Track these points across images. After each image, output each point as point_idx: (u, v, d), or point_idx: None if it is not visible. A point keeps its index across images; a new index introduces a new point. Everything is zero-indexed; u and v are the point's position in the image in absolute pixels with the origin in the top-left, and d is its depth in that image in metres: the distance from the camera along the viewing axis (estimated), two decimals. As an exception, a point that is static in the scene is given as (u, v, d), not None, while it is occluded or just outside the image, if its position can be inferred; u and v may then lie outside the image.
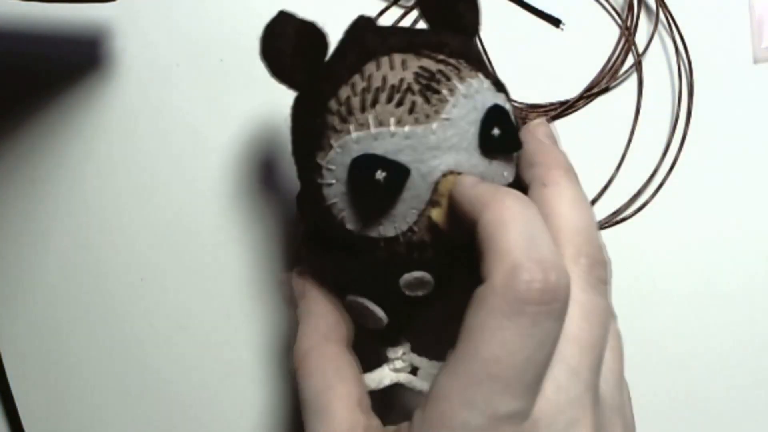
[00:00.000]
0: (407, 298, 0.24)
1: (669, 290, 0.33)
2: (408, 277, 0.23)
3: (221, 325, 0.32)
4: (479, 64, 0.24)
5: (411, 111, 0.21)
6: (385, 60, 0.22)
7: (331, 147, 0.22)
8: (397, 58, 0.22)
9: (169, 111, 0.33)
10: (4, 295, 0.33)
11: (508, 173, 0.23)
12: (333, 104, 0.22)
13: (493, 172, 0.22)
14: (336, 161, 0.22)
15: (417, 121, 0.21)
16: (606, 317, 0.20)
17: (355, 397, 0.23)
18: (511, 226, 0.19)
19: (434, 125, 0.21)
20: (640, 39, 0.33)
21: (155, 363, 0.32)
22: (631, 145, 0.33)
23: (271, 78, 0.32)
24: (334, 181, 0.22)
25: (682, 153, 0.33)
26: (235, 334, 0.32)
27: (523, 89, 0.33)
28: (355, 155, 0.21)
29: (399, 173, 0.21)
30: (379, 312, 0.24)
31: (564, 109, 0.33)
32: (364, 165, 0.21)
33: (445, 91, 0.22)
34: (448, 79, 0.22)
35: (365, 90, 0.22)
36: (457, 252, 0.23)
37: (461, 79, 0.22)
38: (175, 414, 0.32)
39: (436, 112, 0.21)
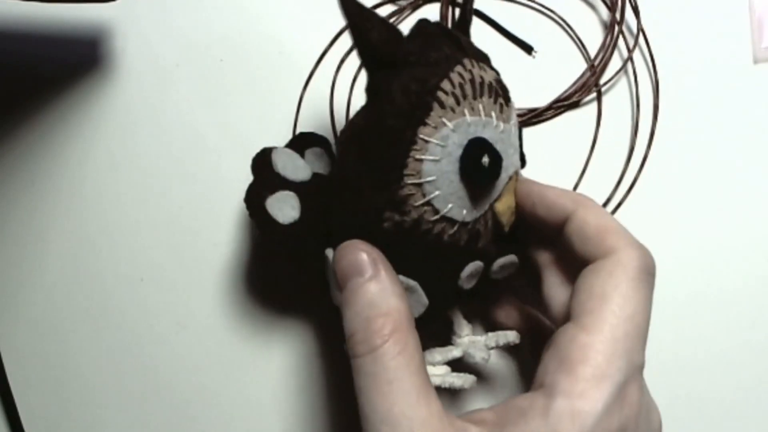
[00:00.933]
0: (457, 287, 0.25)
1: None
2: (472, 266, 0.25)
3: (221, 325, 0.32)
4: None
5: (501, 110, 0.24)
6: (474, 61, 0.24)
7: (443, 125, 0.22)
8: (479, 63, 0.24)
9: (169, 111, 0.33)
10: (4, 295, 0.33)
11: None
12: (446, 85, 0.23)
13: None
14: (449, 139, 0.22)
15: (505, 121, 0.24)
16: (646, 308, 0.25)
17: (434, 392, 0.23)
18: (612, 217, 0.25)
19: (512, 128, 0.24)
20: (615, 60, 0.33)
21: (155, 363, 0.32)
22: (595, 159, 0.33)
23: (272, 78, 0.32)
24: (438, 158, 0.22)
25: (678, 156, 0.33)
26: (235, 334, 0.32)
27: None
28: (470, 137, 0.23)
29: (499, 160, 0.23)
30: (425, 298, 0.24)
31: (531, 116, 0.33)
32: (478, 146, 0.23)
33: (510, 101, 0.25)
34: (508, 90, 0.25)
35: (472, 81, 0.23)
36: (496, 245, 0.26)
37: (509, 92, 0.25)
38: (174, 414, 0.32)
39: (509, 117, 0.24)
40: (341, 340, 0.24)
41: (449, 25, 0.33)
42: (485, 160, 0.23)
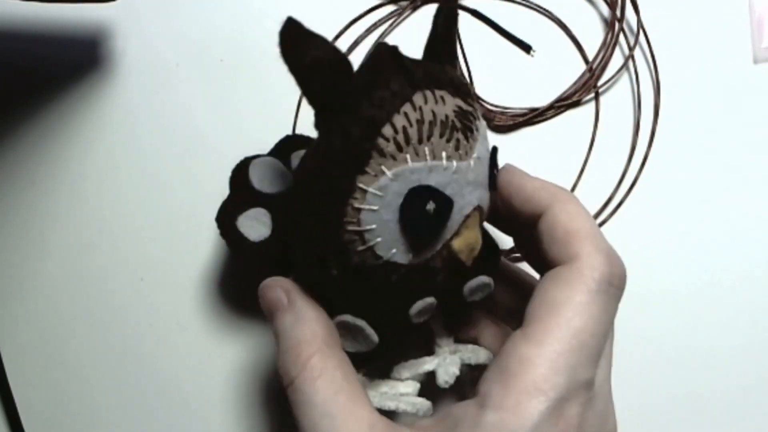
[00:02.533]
0: (409, 323, 0.24)
1: (640, 294, 0.33)
2: (421, 303, 0.24)
3: (221, 325, 0.32)
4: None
5: (456, 148, 0.22)
6: (429, 93, 0.22)
7: (382, 173, 0.21)
8: (437, 93, 0.22)
9: (169, 111, 0.33)
10: (4, 295, 0.33)
11: (486, 204, 0.24)
12: (388, 131, 0.21)
13: (484, 204, 0.24)
14: (388, 189, 0.21)
15: (461, 158, 0.22)
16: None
17: (367, 400, 0.22)
18: (586, 215, 0.23)
19: (471, 162, 0.23)
20: (615, 59, 0.33)
21: (155, 363, 0.32)
22: (595, 158, 0.33)
23: (272, 78, 0.32)
24: (377, 208, 0.22)
25: (677, 156, 0.33)
26: (235, 334, 0.32)
27: (496, 93, 0.33)
28: (411, 185, 0.21)
29: (448, 205, 0.22)
30: (374, 336, 0.24)
31: (532, 116, 0.33)
32: (419, 195, 0.21)
33: (474, 131, 0.23)
34: (475, 118, 0.23)
35: (420, 122, 0.22)
36: (457, 277, 0.24)
37: (478, 118, 0.23)
38: (175, 414, 0.32)
39: (471, 150, 0.23)
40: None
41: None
42: (429, 207, 0.21)
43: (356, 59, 0.22)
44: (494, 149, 0.24)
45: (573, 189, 0.33)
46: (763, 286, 0.33)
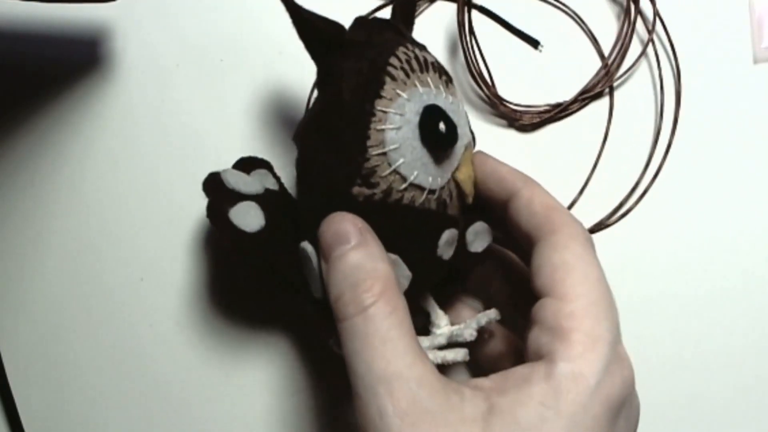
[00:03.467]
0: (436, 258, 0.25)
1: (654, 295, 0.33)
2: (448, 234, 0.25)
3: (221, 325, 0.32)
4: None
5: (447, 86, 0.25)
6: (412, 45, 0.25)
7: (398, 95, 0.24)
8: (416, 47, 0.26)
9: (169, 111, 0.33)
10: (4, 295, 0.33)
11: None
12: (395, 61, 0.24)
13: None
14: (405, 107, 0.24)
15: (453, 95, 0.25)
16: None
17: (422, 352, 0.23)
18: (552, 196, 0.26)
19: (459, 102, 0.26)
20: (634, 47, 0.33)
21: (155, 363, 0.32)
22: (621, 149, 0.33)
23: (272, 78, 0.32)
24: (399, 125, 0.23)
25: (677, 156, 0.33)
26: (235, 334, 0.32)
27: (518, 92, 0.33)
28: (425, 104, 0.24)
29: (455, 127, 0.24)
30: (407, 271, 0.25)
31: (557, 111, 0.33)
32: (433, 112, 0.24)
33: (452, 82, 0.26)
34: (449, 74, 0.26)
35: (417, 59, 0.25)
36: (468, 216, 0.27)
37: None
38: (174, 414, 0.32)
39: (455, 93, 0.26)
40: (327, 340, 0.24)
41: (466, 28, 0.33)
42: (442, 126, 0.24)
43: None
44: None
45: (587, 181, 0.33)
46: (753, 288, 0.33)
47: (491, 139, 0.32)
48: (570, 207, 0.33)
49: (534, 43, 0.33)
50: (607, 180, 0.33)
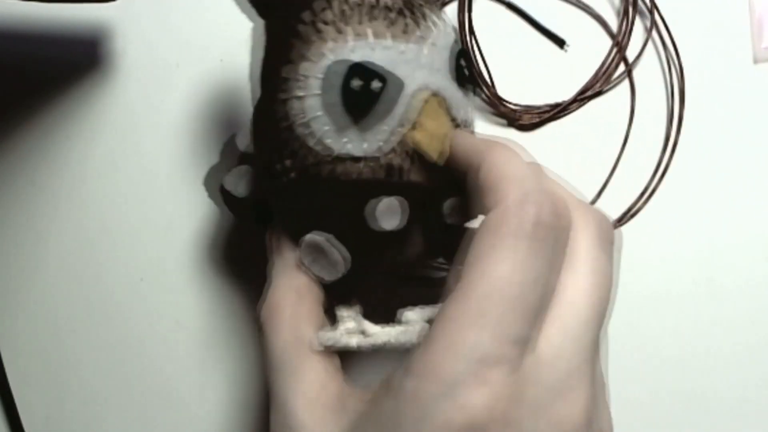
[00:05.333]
0: (373, 234, 0.22)
1: (663, 295, 0.33)
2: (384, 202, 0.22)
3: (221, 325, 0.32)
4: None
5: (404, 31, 0.22)
6: None
7: (323, 56, 0.21)
8: None
9: (169, 111, 0.33)
10: (3, 295, 0.33)
11: (470, 109, 0.24)
12: (328, 15, 0.22)
13: (465, 102, 0.24)
14: (329, 70, 0.21)
15: (409, 41, 0.22)
16: (610, 278, 0.21)
17: (328, 355, 0.22)
18: (520, 161, 0.20)
19: (425, 48, 0.22)
20: (635, 43, 0.33)
21: (155, 363, 0.32)
22: (625, 149, 0.33)
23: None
24: (319, 92, 0.21)
25: (676, 157, 0.33)
26: (235, 334, 0.32)
27: (518, 92, 0.33)
28: (352, 63, 0.21)
29: (393, 81, 0.21)
30: (342, 251, 0.23)
31: (557, 111, 0.33)
32: (360, 71, 0.21)
33: (429, 21, 0.23)
34: (431, 11, 0.23)
35: (360, 4, 0.22)
36: (435, 184, 0.23)
37: (437, 17, 0.24)
38: (174, 414, 0.32)
39: (423, 38, 0.22)
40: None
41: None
42: (375, 85, 0.21)
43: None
44: (461, 47, 0.24)
45: (611, 174, 0.33)
46: (762, 289, 0.33)
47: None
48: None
49: (559, 42, 0.33)
50: (611, 181, 0.33)
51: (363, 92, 0.21)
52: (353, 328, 0.23)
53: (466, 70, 0.24)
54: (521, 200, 0.19)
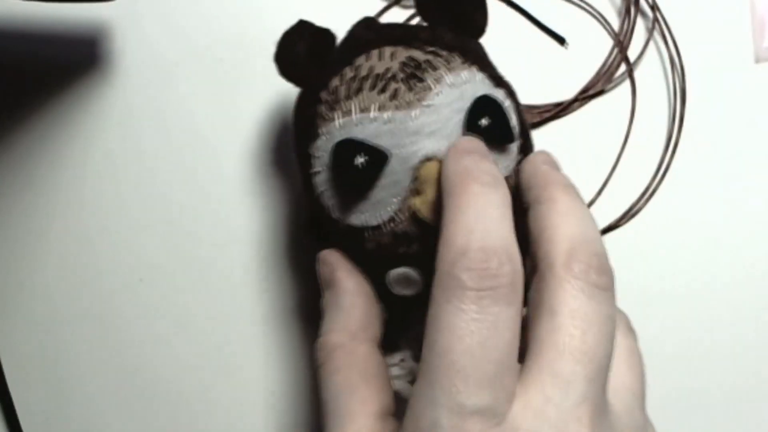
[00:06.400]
0: (396, 297, 0.23)
1: (663, 294, 0.33)
2: (394, 273, 0.23)
3: (221, 326, 0.32)
4: (477, 59, 0.24)
5: (393, 97, 0.22)
6: (375, 52, 0.23)
7: (318, 135, 0.22)
8: (388, 50, 0.23)
9: (169, 111, 0.33)
10: (2, 295, 0.33)
11: (502, 167, 0.23)
12: (324, 95, 0.23)
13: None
14: (321, 148, 0.22)
15: (398, 108, 0.21)
16: (606, 325, 0.19)
17: (379, 402, 0.22)
18: (468, 211, 0.19)
19: (415, 111, 0.21)
20: (636, 42, 0.33)
21: (154, 363, 0.32)
22: (625, 149, 0.33)
23: (272, 78, 0.32)
24: (320, 169, 0.22)
25: (677, 156, 0.33)
26: (235, 335, 0.32)
27: (519, 91, 0.33)
28: (337, 140, 0.22)
29: (378, 156, 0.21)
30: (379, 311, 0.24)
31: (558, 110, 0.33)
32: (344, 149, 0.21)
33: (429, 80, 0.22)
34: (435, 68, 0.22)
35: (352, 79, 0.22)
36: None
37: (450, 69, 0.22)
38: (174, 414, 0.32)
39: (419, 99, 0.22)
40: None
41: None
42: (359, 161, 0.21)
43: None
44: (482, 97, 0.22)
45: (612, 174, 0.33)
46: (762, 290, 0.33)
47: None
48: (589, 205, 0.33)
49: (560, 40, 0.33)
50: (612, 180, 0.33)
51: (349, 168, 0.21)
52: (400, 374, 0.24)
53: (489, 120, 0.22)
54: (451, 263, 0.18)
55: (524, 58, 0.33)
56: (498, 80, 0.24)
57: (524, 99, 0.33)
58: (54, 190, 0.33)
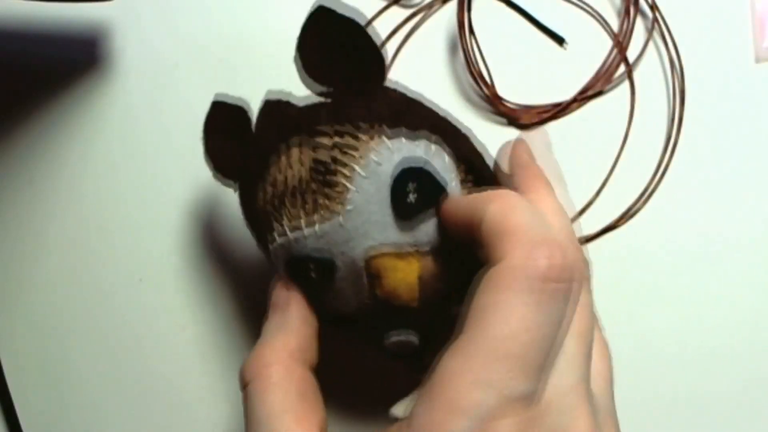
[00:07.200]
0: (390, 356, 0.24)
1: (662, 294, 0.33)
2: (394, 338, 0.23)
3: (220, 326, 0.32)
4: (385, 116, 0.22)
5: (314, 210, 0.22)
6: (283, 158, 0.23)
7: (268, 240, 0.24)
8: (294, 152, 0.23)
9: (169, 111, 0.33)
10: (2, 294, 0.33)
11: (434, 229, 0.22)
12: (260, 197, 0.24)
13: (420, 234, 0.22)
14: (275, 255, 0.24)
15: (323, 219, 0.22)
16: (591, 311, 0.21)
17: (317, 425, 0.21)
18: (524, 210, 0.20)
19: (339, 219, 0.21)
20: (636, 42, 0.33)
21: (154, 363, 0.32)
22: (624, 149, 0.33)
23: (272, 78, 0.32)
24: (282, 272, 0.24)
25: (676, 157, 0.33)
26: (235, 335, 0.32)
27: (517, 91, 0.33)
28: (286, 259, 0.23)
29: (327, 265, 0.22)
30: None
31: (557, 111, 0.33)
32: (295, 265, 0.23)
33: (343, 180, 0.21)
34: (345, 164, 0.22)
35: (273, 196, 0.23)
36: (432, 310, 0.23)
37: (361, 156, 0.22)
38: (174, 414, 0.32)
39: (340, 203, 0.21)
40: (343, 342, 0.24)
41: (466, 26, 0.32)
42: (312, 274, 0.22)
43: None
44: (399, 175, 0.21)
45: (611, 174, 0.33)
46: (762, 290, 0.33)
47: (491, 140, 0.32)
48: (587, 208, 0.33)
49: (559, 40, 0.33)
50: (610, 181, 0.33)
51: (306, 280, 0.23)
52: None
53: (415, 194, 0.22)
54: (527, 254, 0.18)
55: (523, 58, 0.33)
56: (414, 125, 0.22)
57: (523, 99, 0.33)
58: (53, 189, 0.33)
